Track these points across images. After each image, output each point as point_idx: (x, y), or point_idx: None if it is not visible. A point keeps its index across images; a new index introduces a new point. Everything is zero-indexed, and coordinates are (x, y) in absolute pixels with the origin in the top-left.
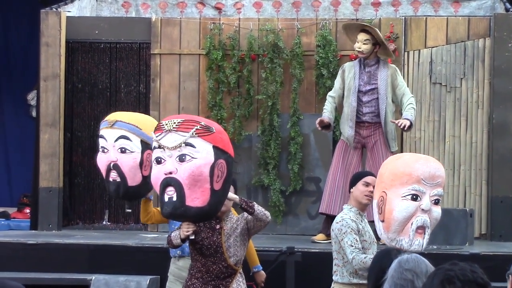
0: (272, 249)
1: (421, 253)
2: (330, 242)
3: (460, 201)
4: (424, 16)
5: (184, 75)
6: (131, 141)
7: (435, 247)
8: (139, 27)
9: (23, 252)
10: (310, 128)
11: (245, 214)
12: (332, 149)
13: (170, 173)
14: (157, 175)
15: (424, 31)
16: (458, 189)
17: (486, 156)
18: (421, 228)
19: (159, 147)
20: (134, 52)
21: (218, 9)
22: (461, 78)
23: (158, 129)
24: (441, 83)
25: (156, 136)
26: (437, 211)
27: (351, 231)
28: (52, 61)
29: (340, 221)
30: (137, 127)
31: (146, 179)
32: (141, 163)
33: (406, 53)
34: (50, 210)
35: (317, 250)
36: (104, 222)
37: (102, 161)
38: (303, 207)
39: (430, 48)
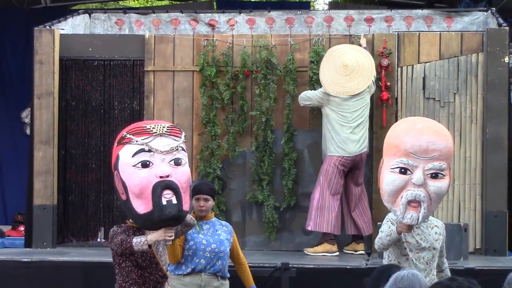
0: (267, 265)
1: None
2: (324, 255)
3: (455, 216)
4: (417, 31)
5: (178, 92)
6: None
7: None
8: (133, 44)
9: (18, 270)
10: (304, 144)
11: None
12: None
13: (168, 176)
14: (148, 178)
15: (417, 47)
16: (453, 204)
17: (480, 170)
18: (415, 202)
19: (149, 150)
20: (127, 69)
21: (212, 25)
22: (455, 93)
23: (142, 132)
24: (434, 98)
25: (142, 139)
26: (435, 185)
27: (387, 222)
28: (46, 78)
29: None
30: None
31: None
32: None
33: (399, 68)
34: (45, 227)
35: (311, 266)
36: (99, 240)
37: None
38: (298, 223)
39: (423, 64)
